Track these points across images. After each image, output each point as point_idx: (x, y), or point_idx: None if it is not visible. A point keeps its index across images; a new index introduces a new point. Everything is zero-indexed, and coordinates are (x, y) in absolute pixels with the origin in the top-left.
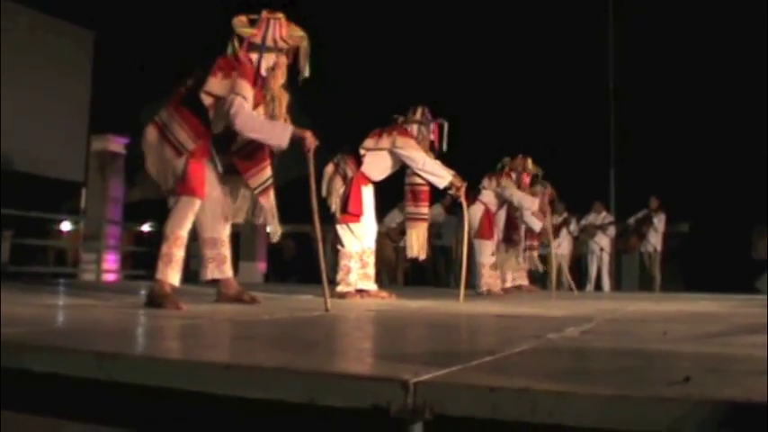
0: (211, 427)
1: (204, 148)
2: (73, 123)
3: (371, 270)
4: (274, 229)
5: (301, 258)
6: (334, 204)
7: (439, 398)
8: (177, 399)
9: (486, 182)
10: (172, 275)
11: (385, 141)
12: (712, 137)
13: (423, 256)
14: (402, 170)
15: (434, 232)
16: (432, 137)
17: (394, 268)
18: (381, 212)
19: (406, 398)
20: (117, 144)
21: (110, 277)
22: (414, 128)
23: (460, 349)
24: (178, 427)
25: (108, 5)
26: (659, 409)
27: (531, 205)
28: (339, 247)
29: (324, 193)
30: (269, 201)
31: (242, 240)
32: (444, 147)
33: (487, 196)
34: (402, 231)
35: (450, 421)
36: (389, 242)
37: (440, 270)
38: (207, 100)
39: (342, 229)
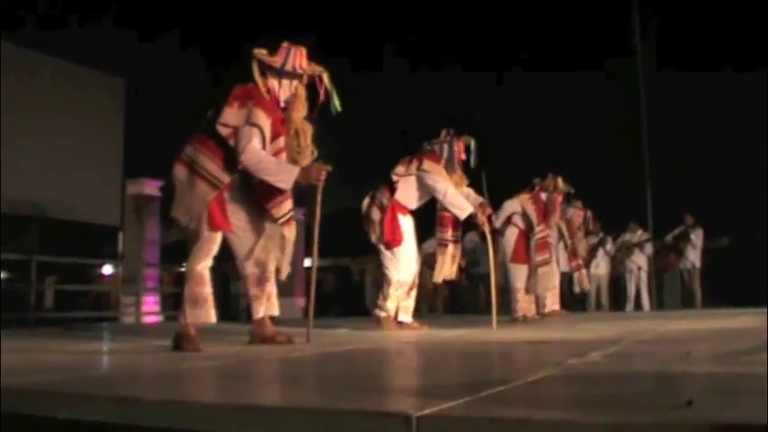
0: None
1: (231, 181)
2: (107, 169)
3: (412, 302)
4: (281, 266)
5: (341, 291)
6: (374, 235)
7: (441, 431)
8: None
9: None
10: (202, 315)
11: (414, 166)
12: (745, 147)
13: (447, 277)
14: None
15: (471, 259)
16: (461, 156)
17: (433, 297)
18: (420, 240)
19: None
20: (151, 187)
21: (150, 319)
22: (439, 149)
23: (475, 380)
24: None
25: (137, 52)
26: None
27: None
28: (385, 271)
29: (365, 226)
30: (291, 233)
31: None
32: (473, 162)
33: (519, 219)
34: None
35: None
36: (427, 269)
37: (479, 297)
38: (224, 131)
39: (385, 257)
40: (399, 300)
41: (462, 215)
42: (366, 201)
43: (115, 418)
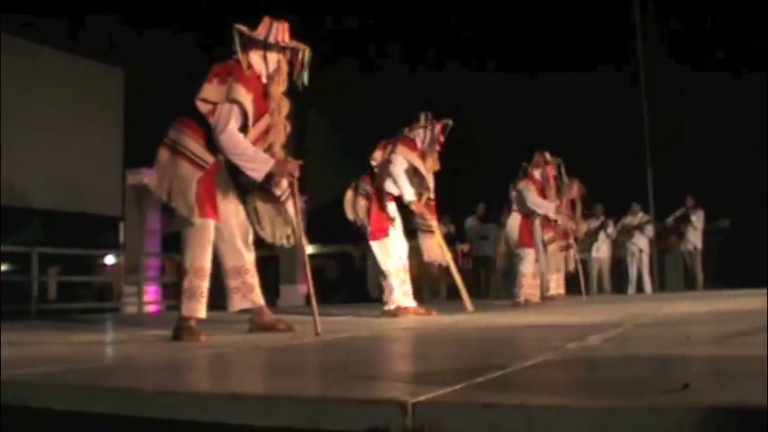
0: None
1: (217, 165)
2: (108, 159)
3: (409, 287)
4: (297, 241)
5: (344, 278)
6: (366, 223)
7: (437, 418)
8: (188, 430)
9: (513, 192)
10: (198, 309)
11: (389, 151)
12: (746, 129)
13: (442, 262)
14: (437, 183)
15: (473, 244)
16: (441, 139)
17: (436, 281)
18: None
19: (404, 419)
20: (151, 177)
21: (152, 309)
22: (420, 134)
23: (472, 365)
24: None
25: (136, 42)
26: (651, 418)
27: (547, 210)
28: (379, 264)
29: (350, 215)
30: (292, 208)
31: (281, 263)
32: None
33: (520, 204)
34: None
35: None
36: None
37: (481, 281)
38: (204, 107)
39: (375, 247)
40: (400, 286)
41: (404, 200)
42: (349, 193)
43: (113, 410)
